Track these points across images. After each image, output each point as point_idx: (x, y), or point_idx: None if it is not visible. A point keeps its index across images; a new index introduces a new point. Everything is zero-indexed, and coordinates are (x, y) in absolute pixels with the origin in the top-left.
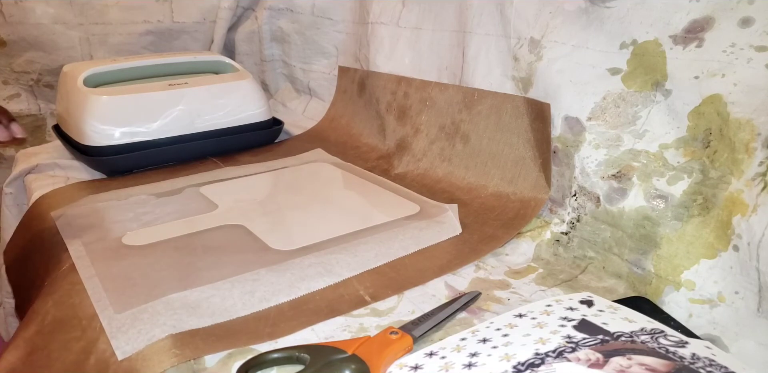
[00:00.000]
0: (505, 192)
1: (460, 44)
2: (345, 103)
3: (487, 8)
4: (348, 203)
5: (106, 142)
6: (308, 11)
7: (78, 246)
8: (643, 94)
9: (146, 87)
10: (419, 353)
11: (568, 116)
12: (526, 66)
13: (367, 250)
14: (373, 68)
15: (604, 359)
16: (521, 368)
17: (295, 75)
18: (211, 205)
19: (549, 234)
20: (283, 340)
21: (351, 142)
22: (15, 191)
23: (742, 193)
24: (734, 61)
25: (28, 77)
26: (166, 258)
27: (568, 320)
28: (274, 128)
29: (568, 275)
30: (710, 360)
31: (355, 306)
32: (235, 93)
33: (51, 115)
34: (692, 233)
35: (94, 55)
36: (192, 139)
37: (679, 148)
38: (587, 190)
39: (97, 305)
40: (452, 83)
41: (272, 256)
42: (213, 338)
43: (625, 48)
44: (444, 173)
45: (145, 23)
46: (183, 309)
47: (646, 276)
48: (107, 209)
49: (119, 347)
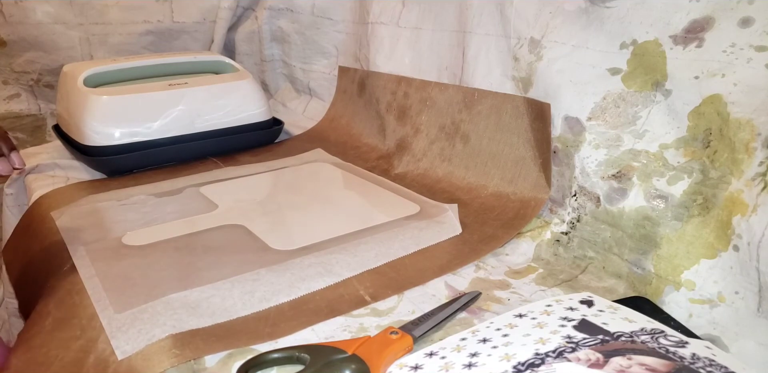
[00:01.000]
0: (505, 192)
1: (460, 44)
2: (345, 103)
3: (487, 8)
4: (348, 202)
5: (106, 142)
6: (308, 11)
7: (78, 246)
8: (643, 94)
9: (146, 87)
10: (419, 353)
11: (568, 116)
12: (526, 66)
13: (367, 250)
14: (373, 68)
15: (604, 359)
16: (521, 368)
17: (295, 75)
18: (211, 205)
19: (549, 234)
20: (283, 340)
21: (351, 142)
22: (15, 192)
23: (742, 193)
24: (734, 61)
25: (28, 77)
26: (166, 258)
27: (568, 320)
28: (274, 128)
29: (568, 275)
30: (710, 360)
31: (355, 306)
32: (235, 93)
33: (51, 115)
34: (692, 233)
35: (94, 55)
36: (192, 139)
37: (679, 148)
38: (587, 190)
39: (97, 305)
40: (452, 83)
41: (272, 256)
42: (213, 339)
43: (625, 48)
44: (444, 173)
45: (145, 23)
46: (183, 309)
47: (646, 276)
48: (107, 209)
49: (119, 346)
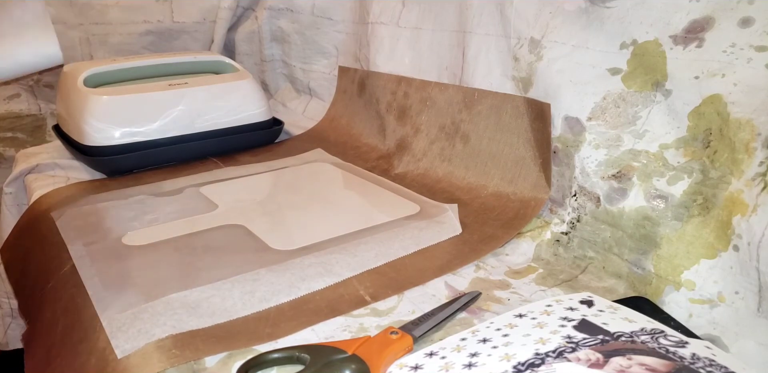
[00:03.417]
0: (505, 192)
1: (460, 44)
2: (345, 103)
3: (487, 8)
4: (348, 203)
5: (106, 142)
6: (308, 11)
7: (78, 246)
8: (643, 94)
9: (146, 87)
10: (419, 353)
11: (568, 116)
12: (526, 66)
13: (367, 250)
14: (373, 68)
15: (604, 359)
16: (521, 368)
17: (295, 75)
18: (211, 205)
19: (549, 234)
20: (284, 340)
21: (351, 142)
22: (15, 191)
23: (742, 193)
24: (734, 61)
25: (28, 77)
26: (166, 258)
27: (568, 320)
28: (274, 128)
29: (568, 275)
30: (710, 360)
31: (355, 306)
32: (235, 93)
33: (51, 115)
34: (692, 233)
35: (94, 55)
36: (192, 139)
37: (679, 148)
38: (587, 190)
39: (98, 305)
40: (452, 83)
41: (272, 256)
42: (213, 339)
43: (625, 48)
44: (444, 173)
45: (145, 23)
46: (183, 309)
47: (646, 276)
48: (107, 209)
49: (119, 346)
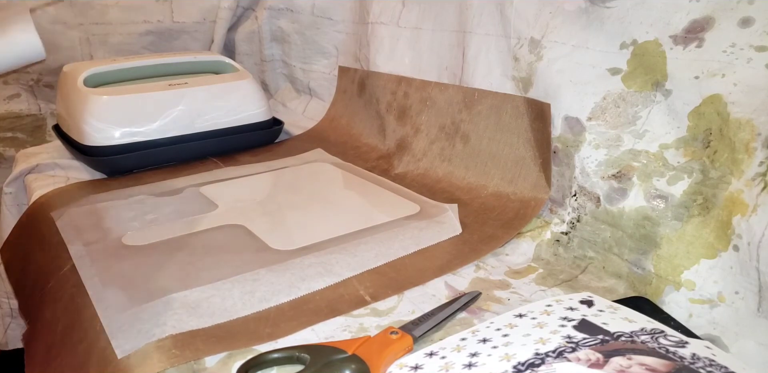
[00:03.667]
0: (505, 192)
1: (460, 44)
2: (345, 103)
3: (487, 8)
4: (348, 203)
5: (106, 142)
6: (308, 11)
7: (78, 246)
8: (643, 94)
9: (146, 87)
10: (419, 353)
11: (568, 116)
12: (526, 66)
13: (367, 250)
14: (373, 68)
15: (604, 359)
16: (521, 368)
17: (295, 75)
18: (211, 205)
19: (549, 234)
20: (284, 340)
21: (351, 142)
22: (15, 191)
23: (742, 193)
24: (734, 61)
25: (28, 77)
26: (166, 258)
27: (568, 320)
28: (274, 128)
29: (568, 275)
30: (710, 360)
31: (355, 306)
32: (235, 93)
33: (51, 115)
34: (692, 233)
35: (94, 55)
36: (192, 139)
37: (679, 148)
38: (587, 190)
39: (98, 305)
40: (452, 83)
41: (272, 256)
42: (213, 339)
43: (625, 48)
44: (444, 173)
45: (145, 23)
46: (183, 309)
47: (646, 276)
48: (107, 209)
49: (119, 345)
